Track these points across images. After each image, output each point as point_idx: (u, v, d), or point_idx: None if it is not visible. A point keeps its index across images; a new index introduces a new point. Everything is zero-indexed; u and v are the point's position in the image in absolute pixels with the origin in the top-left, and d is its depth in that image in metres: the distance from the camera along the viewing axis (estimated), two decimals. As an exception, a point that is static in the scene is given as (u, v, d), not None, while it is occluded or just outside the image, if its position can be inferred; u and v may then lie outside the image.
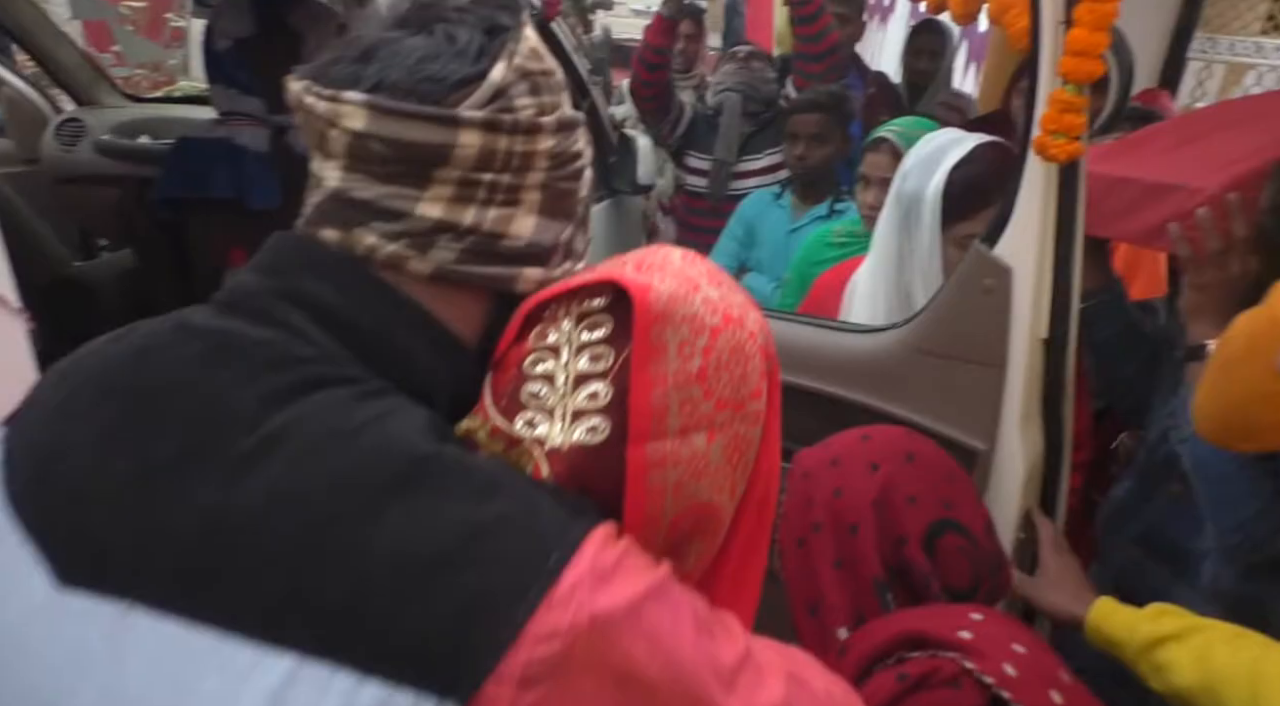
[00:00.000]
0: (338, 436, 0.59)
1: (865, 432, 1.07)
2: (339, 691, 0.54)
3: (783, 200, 2.75)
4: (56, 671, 0.58)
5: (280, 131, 2.04)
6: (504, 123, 0.67)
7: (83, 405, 0.64)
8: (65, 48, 2.89)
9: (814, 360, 1.52)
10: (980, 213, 1.49)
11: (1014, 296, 1.31)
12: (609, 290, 0.68)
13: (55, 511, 0.61)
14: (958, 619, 0.91)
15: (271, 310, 0.65)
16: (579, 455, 0.64)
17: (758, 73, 3.19)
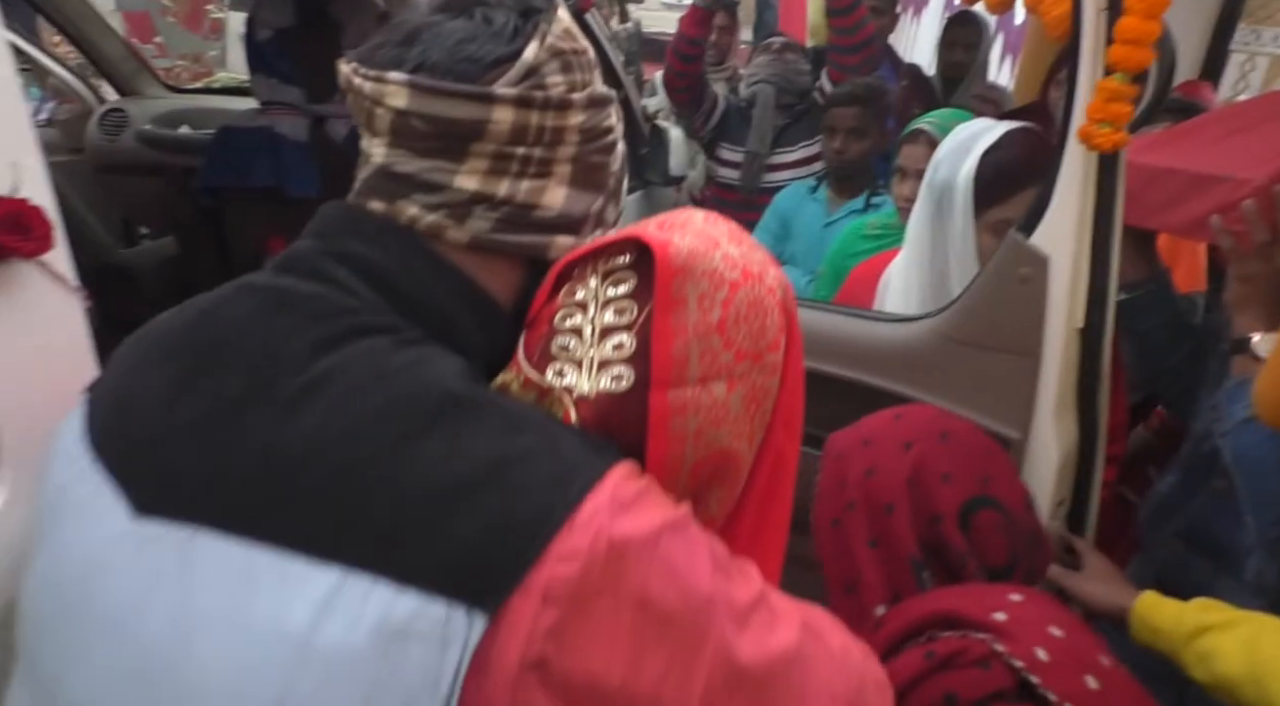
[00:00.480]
0: (378, 378, 0.64)
1: (898, 412, 1.07)
2: (378, 601, 0.59)
3: (818, 193, 2.74)
4: (134, 590, 0.65)
5: (319, 121, 2.07)
6: (536, 99, 0.71)
7: (154, 361, 0.70)
8: (109, 39, 2.95)
9: (849, 349, 1.52)
10: (1013, 197, 1.48)
11: (1050, 285, 1.30)
12: (633, 248, 0.72)
13: (131, 452, 0.68)
14: (995, 599, 0.90)
15: (321, 268, 0.71)
16: (605, 402, 0.68)
17: (791, 64, 3.18)
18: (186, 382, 0.68)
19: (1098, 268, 1.27)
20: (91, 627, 0.67)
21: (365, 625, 0.59)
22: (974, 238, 1.52)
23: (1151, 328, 1.48)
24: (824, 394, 1.54)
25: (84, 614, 0.67)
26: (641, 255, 0.71)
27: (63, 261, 0.95)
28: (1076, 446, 1.35)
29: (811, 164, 3.10)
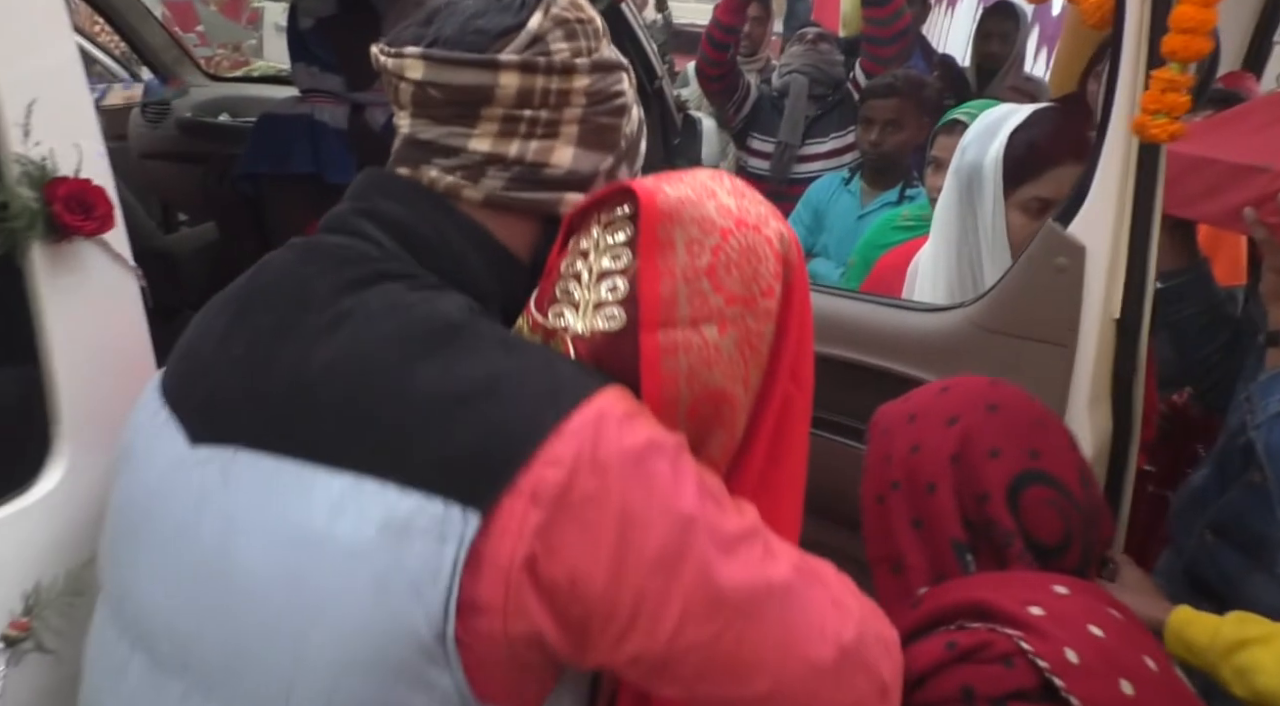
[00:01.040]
0: (392, 311, 0.73)
1: (945, 385, 1.02)
2: (385, 501, 0.66)
3: (852, 185, 2.74)
4: (188, 507, 0.74)
5: (359, 108, 2.10)
6: (539, 64, 0.77)
7: (215, 313, 0.81)
8: (152, 27, 3.01)
9: (882, 339, 1.53)
10: (1044, 174, 1.47)
11: (1087, 275, 1.30)
12: (632, 199, 0.76)
13: (188, 389, 0.79)
14: (1035, 591, 0.85)
15: (351, 223, 0.79)
16: (599, 340, 0.74)
17: (825, 55, 3.17)
18: (234, 325, 0.78)
19: (1136, 258, 1.27)
20: (154, 543, 0.76)
21: (373, 521, 0.66)
22: (1004, 217, 1.51)
23: (1187, 317, 1.47)
24: (858, 383, 1.55)
25: (148, 532, 0.77)
26: (640, 206, 0.76)
27: (121, 241, 0.98)
28: (1110, 438, 1.35)
29: (842, 155, 3.09)
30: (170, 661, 0.75)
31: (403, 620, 0.66)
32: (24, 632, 0.89)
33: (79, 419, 0.94)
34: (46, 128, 0.90)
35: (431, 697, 0.68)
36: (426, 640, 0.66)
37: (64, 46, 0.94)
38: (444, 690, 0.68)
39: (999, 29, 3.24)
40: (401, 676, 0.67)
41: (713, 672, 0.70)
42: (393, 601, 0.66)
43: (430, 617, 0.66)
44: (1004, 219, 1.52)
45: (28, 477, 0.92)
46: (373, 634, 0.67)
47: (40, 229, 0.88)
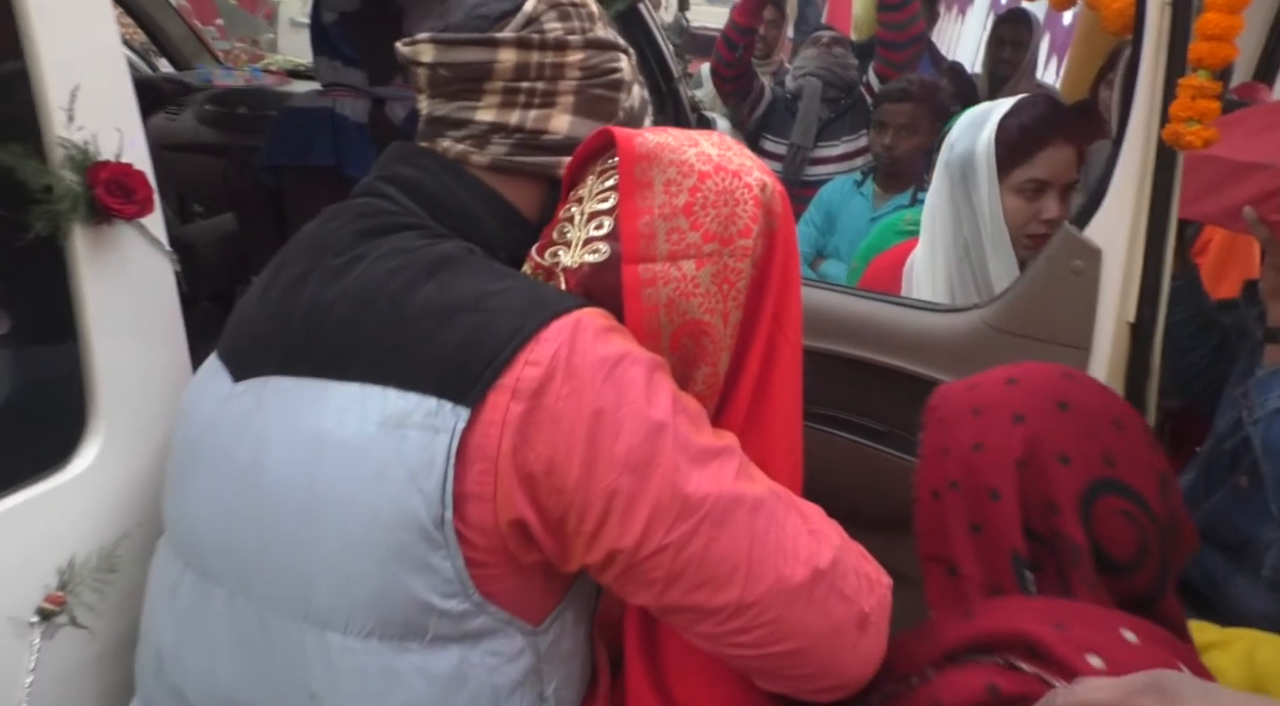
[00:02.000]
0: (400, 252, 0.82)
1: (1012, 374, 0.91)
2: (385, 401, 0.76)
3: (865, 188, 2.75)
4: (229, 435, 0.84)
5: (379, 103, 2.12)
6: (534, 40, 0.86)
7: (262, 275, 0.91)
8: (172, 20, 3.03)
9: (895, 338, 1.54)
10: (1037, 155, 1.50)
11: (1102, 278, 1.31)
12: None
13: (233, 340, 0.90)
14: (1100, 634, 0.76)
15: (373, 186, 0.89)
16: (586, 271, 0.81)
17: (839, 58, 3.18)
18: (270, 280, 0.89)
19: (1152, 262, 1.28)
20: (203, 470, 0.86)
21: (374, 419, 0.75)
22: (1000, 202, 1.53)
23: (1177, 322, 1.48)
24: (871, 382, 1.56)
25: (199, 462, 0.86)
26: (618, 149, 0.83)
27: (159, 226, 1.00)
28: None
29: (853, 159, 3.10)
30: (214, 572, 0.84)
31: (403, 507, 0.74)
32: (59, 607, 0.90)
33: (114, 399, 0.96)
34: (89, 112, 0.91)
35: (435, 581, 0.75)
36: (426, 526, 0.74)
37: (106, 33, 0.96)
38: (446, 575, 0.75)
39: (1011, 36, 3.25)
40: (405, 559, 0.75)
41: (682, 579, 0.75)
42: (393, 490, 0.74)
43: (429, 504, 0.74)
44: (1000, 204, 1.54)
45: (64, 455, 0.94)
46: (378, 521, 0.75)
47: (82, 211, 0.90)
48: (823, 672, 0.79)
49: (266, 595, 0.80)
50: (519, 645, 0.80)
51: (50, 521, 0.92)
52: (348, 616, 0.77)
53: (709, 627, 0.77)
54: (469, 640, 0.78)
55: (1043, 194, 1.52)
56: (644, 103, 0.97)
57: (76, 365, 0.94)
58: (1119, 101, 1.26)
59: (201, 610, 0.84)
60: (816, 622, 0.77)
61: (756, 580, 0.75)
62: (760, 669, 0.80)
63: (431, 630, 0.77)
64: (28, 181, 0.86)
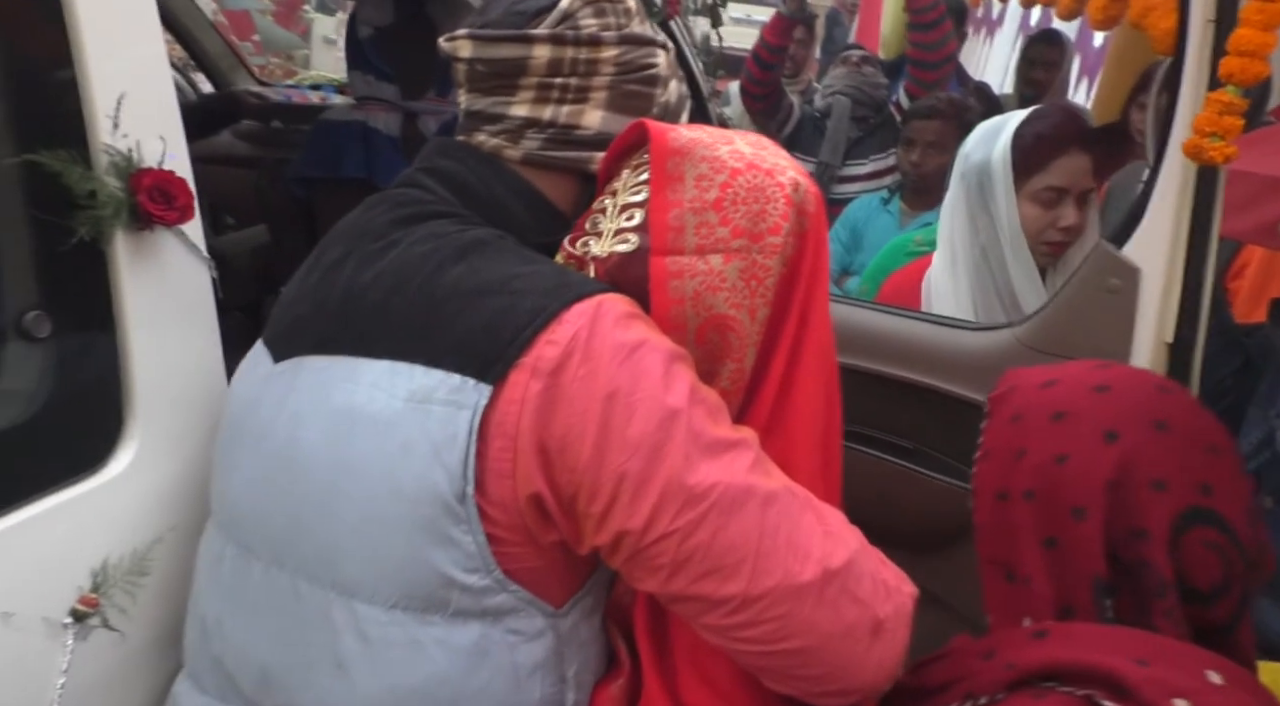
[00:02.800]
0: (433, 237, 0.84)
1: (1102, 381, 0.84)
2: (412, 377, 0.78)
3: (891, 206, 2.74)
4: (269, 413, 0.87)
5: (411, 116, 2.14)
6: (568, 37, 0.88)
7: (305, 262, 0.94)
8: (211, 36, 3.08)
9: (924, 355, 1.53)
10: (1053, 163, 1.51)
11: (1140, 298, 1.30)
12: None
13: (276, 325, 0.93)
14: (1186, 675, 0.72)
15: (411, 178, 0.92)
16: (615, 261, 0.82)
17: (869, 77, 3.19)
18: (313, 263, 0.92)
19: (1191, 281, 1.26)
20: (244, 448, 0.89)
21: (401, 394, 0.78)
22: (1017, 210, 1.54)
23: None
24: (898, 399, 1.55)
25: (239, 441, 0.90)
26: (650, 143, 0.84)
27: (198, 233, 1.01)
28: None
29: (882, 177, 3.09)
30: (252, 544, 0.87)
31: (427, 480, 0.76)
32: (92, 609, 0.91)
33: (151, 402, 0.97)
34: (133, 120, 0.93)
35: (457, 555, 0.77)
36: (448, 499, 0.76)
37: (153, 44, 0.97)
38: (467, 549, 0.77)
39: (1043, 57, 3.24)
40: (429, 532, 0.77)
41: (687, 566, 0.75)
42: (418, 463, 0.77)
43: (451, 478, 0.76)
44: (1017, 212, 1.54)
45: (101, 458, 0.95)
46: (402, 493, 0.77)
47: (125, 217, 0.91)
48: (831, 675, 0.78)
49: (299, 565, 0.83)
50: (540, 625, 0.81)
51: (86, 523, 0.93)
52: (374, 586, 0.79)
53: (715, 619, 0.77)
54: (490, 617, 0.79)
55: (1060, 202, 1.53)
56: (681, 98, 0.98)
57: (115, 369, 0.95)
58: (1155, 119, 1.24)
59: (241, 581, 0.87)
60: (826, 623, 0.76)
61: (764, 573, 0.75)
62: (767, 667, 0.79)
63: (453, 603, 0.78)
64: (73, 187, 0.87)
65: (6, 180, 0.86)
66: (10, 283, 0.88)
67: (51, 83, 0.88)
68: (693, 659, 0.85)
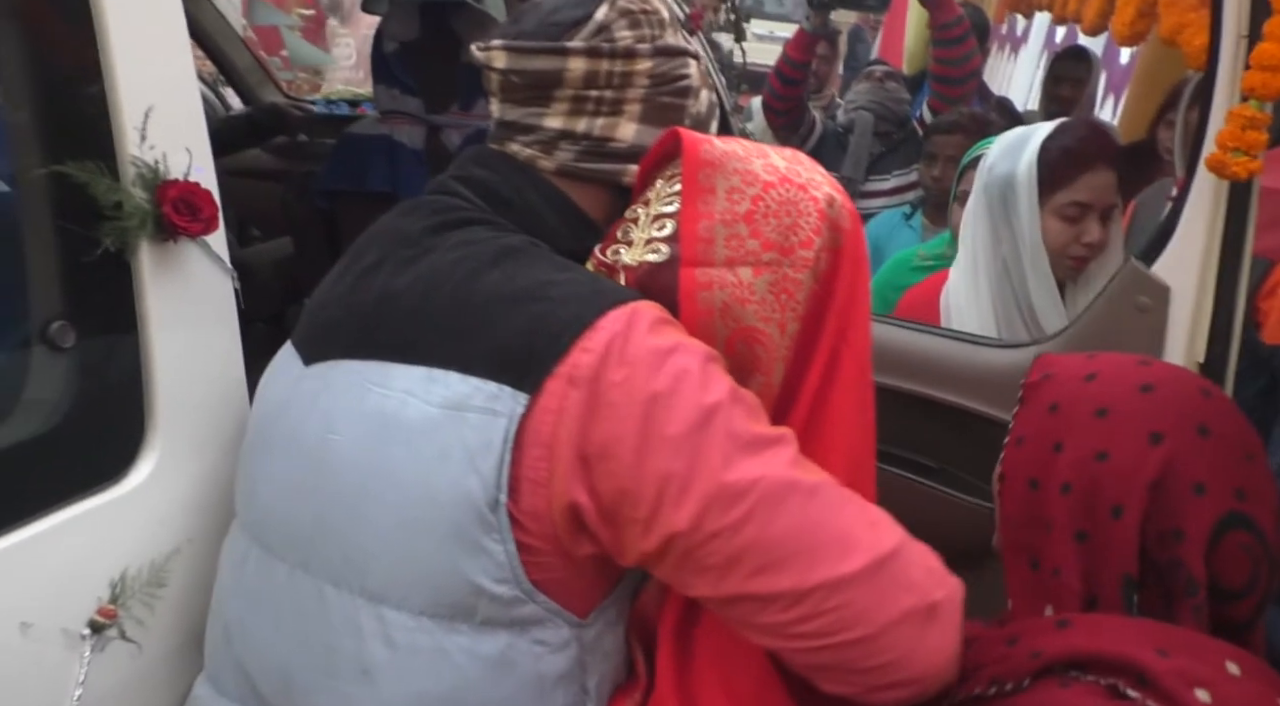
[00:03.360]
0: (466, 244, 0.85)
1: (1146, 380, 0.84)
2: (448, 385, 0.78)
3: (913, 221, 2.73)
4: (299, 415, 0.87)
5: (435, 130, 2.15)
6: (603, 49, 0.88)
7: (336, 265, 0.95)
8: (240, 51, 3.13)
9: (948, 372, 1.51)
10: (1079, 178, 1.49)
11: (1170, 317, 1.28)
12: None
13: (306, 327, 0.93)
14: (1206, 666, 0.74)
15: (446, 185, 0.92)
16: (645, 269, 0.83)
17: (892, 93, 3.18)
18: (346, 267, 0.92)
19: (1223, 301, 1.24)
20: (273, 449, 0.89)
21: (437, 401, 0.78)
22: (1039, 225, 1.52)
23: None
24: (921, 416, 1.53)
25: (271, 440, 0.90)
26: (684, 154, 0.84)
27: (222, 244, 1.01)
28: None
29: (904, 193, 3.08)
30: (277, 546, 0.86)
31: (460, 488, 0.76)
32: (110, 620, 0.91)
33: (172, 413, 0.97)
34: (161, 132, 0.94)
35: (487, 564, 0.77)
36: (481, 507, 0.76)
37: (181, 57, 0.98)
38: (497, 559, 0.77)
39: (1069, 73, 3.22)
40: (460, 540, 0.77)
41: (739, 564, 0.74)
42: (452, 470, 0.76)
43: (485, 486, 0.75)
44: (1039, 226, 1.52)
45: (121, 468, 0.95)
46: (435, 500, 0.77)
47: (150, 228, 0.92)
48: (892, 665, 0.76)
49: (325, 569, 0.83)
50: (565, 636, 0.81)
51: (106, 533, 0.93)
52: (403, 593, 0.79)
53: (771, 617, 0.76)
54: (516, 627, 0.79)
55: (1084, 218, 1.51)
56: (711, 107, 0.97)
57: (137, 380, 0.95)
58: (1185, 135, 1.23)
59: (265, 584, 0.87)
60: (881, 611, 0.75)
61: (815, 565, 0.74)
62: (827, 664, 0.78)
63: (481, 613, 0.78)
64: (100, 198, 0.88)
65: (34, 191, 0.87)
66: (35, 293, 0.89)
67: (81, 95, 0.89)
68: (718, 675, 0.84)
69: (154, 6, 0.94)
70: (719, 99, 2.42)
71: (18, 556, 0.85)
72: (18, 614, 0.85)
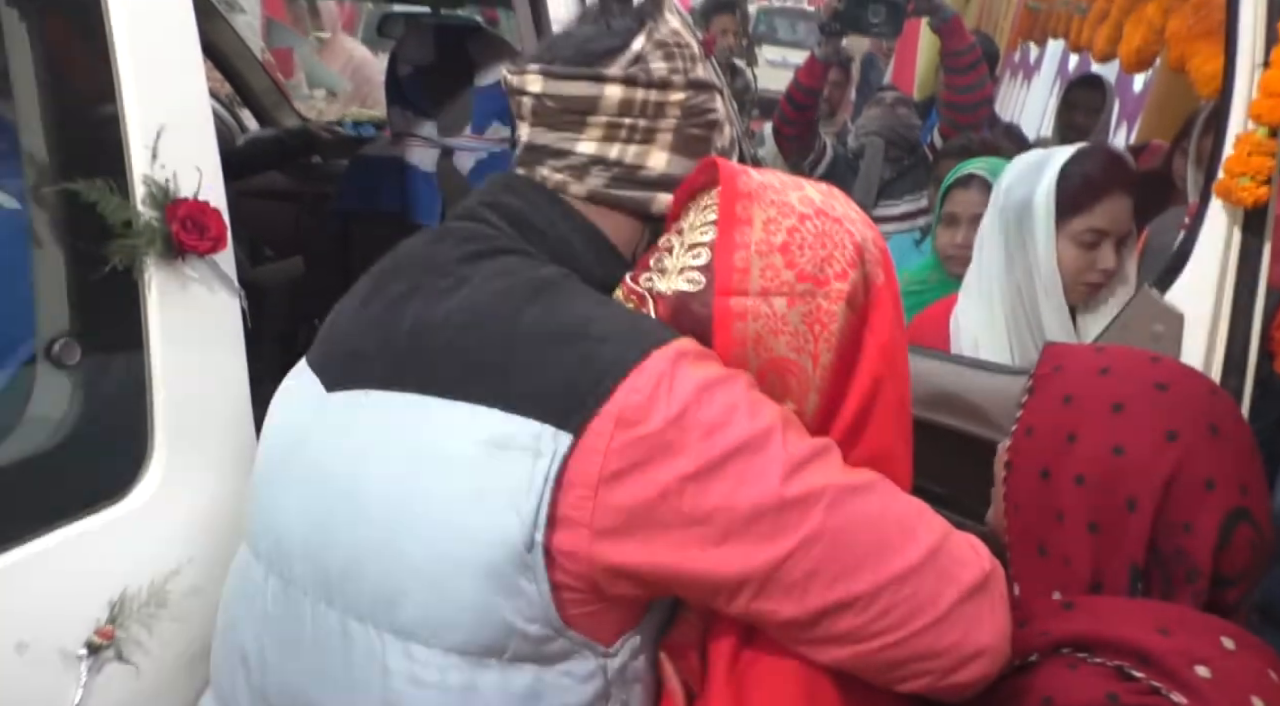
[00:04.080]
0: (502, 275, 0.84)
1: (1160, 377, 0.88)
2: (489, 423, 0.77)
3: (924, 247, 2.72)
4: (325, 444, 0.86)
5: (447, 152, 2.16)
6: (639, 78, 0.88)
7: (356, 290, 0.93)
8: (257, 73, 3.16)
9: (960, 400, 1.49)
10: (1098, 204, 1.48)
11: (1185, 345, 1.26)
12: None
13: (328, 351, 0.91)
14: (1203, 643, 0.79)
15: (475, 212, 0.91)
16: (679, 298, 0.82)
17: (903, 118, 3.18)
18: (371, 293, 0.90)
19: (1238, 329, 1.23)
20: (295, 476, 0.87)
21: (478, 440, 0.77)
22: (1054, 250, 1.50)
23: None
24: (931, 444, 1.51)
25: (290, 468, 0.88)
26: (721, 184, 0.85)
27: (230, 263, 1.01)
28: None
29: (915, 219, 3.07)
30: (299, 579, 0.85)
31: (498, 526, 0.75)
32: (108, 641, 0.90)
33: (176, 432, 0.97)
34: (172, 151, 0.94)
35: (521, 604, 0.76)
36: (518, 547, 0.75)
37: (194, 77, 0.99)
38: (531, 598, 0.76)
39: (1084, 101, 3.21)
40: (496, 580, 0.76)
41: (819, 574, 0.75)
42: (490, 508, 0.75)
43: (523, 525, 0.74)
44: (1054, 252, 1.51)
45: (123, 487, 0.95)
46: (472, 538, 0.76)
47: (159, 246, 0.92)
48: (963, 640, 0.79)
49: (351, 604, 0.82)
50: (591, 667, 0.80)
51: (106, 552, 0.92)
52: (433, 630, 0.78)
53: (848, 623, 0.76)
54: (544, 660, 0.78)
55: (1100, 244, 1.50)
56: (733, 141, 0.99)
57: (142, 398, 0.95)
58: (1198, 162, 1.22)
59: (286, 615, 0.86)
60: (946, 590, 0.78)
61: (886, 560, 0.76)
62: (903, 658, 0.78)
63: (511, 650, 0.77)
64: (109, 216, 0.88)
65: (44, 208, 0.88)
66: (42, 309, 0.89)
67: (93, 114, 0.90)
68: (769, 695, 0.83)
69: (167, 26, 0.95)
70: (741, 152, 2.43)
71: (16, 574, 0.85)
72: (14, 633, 0.84)
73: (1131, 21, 2.24)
